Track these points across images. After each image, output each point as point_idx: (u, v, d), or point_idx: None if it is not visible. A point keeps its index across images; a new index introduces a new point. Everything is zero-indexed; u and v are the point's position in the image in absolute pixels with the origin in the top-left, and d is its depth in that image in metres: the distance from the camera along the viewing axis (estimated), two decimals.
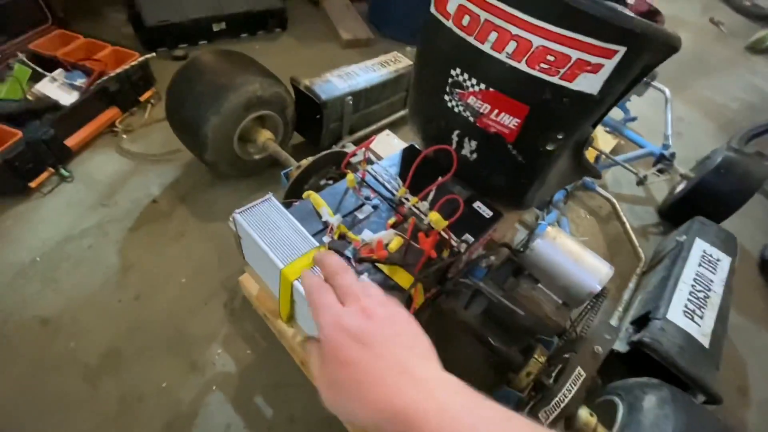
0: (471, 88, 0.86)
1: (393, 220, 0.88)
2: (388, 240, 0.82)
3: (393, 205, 0.92)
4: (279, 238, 0.77)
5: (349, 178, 0.93)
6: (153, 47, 2.09)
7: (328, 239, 0.80)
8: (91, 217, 1.48)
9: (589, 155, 1.84)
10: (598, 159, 1.89)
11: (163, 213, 1.53)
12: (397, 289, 0.78)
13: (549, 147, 0.84)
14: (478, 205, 0.97)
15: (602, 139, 2.09)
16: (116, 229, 1.46)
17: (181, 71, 1.44)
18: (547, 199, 1.56)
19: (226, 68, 1.43)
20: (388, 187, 0.95)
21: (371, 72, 1.78)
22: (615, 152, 2.05)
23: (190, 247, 1.45)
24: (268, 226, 0.78)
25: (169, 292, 1.33)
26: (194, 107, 1.38)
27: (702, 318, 1.20)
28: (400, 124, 1.99)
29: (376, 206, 0.92)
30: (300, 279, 0.59)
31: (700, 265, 1.36)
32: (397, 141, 1.45)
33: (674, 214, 1.83)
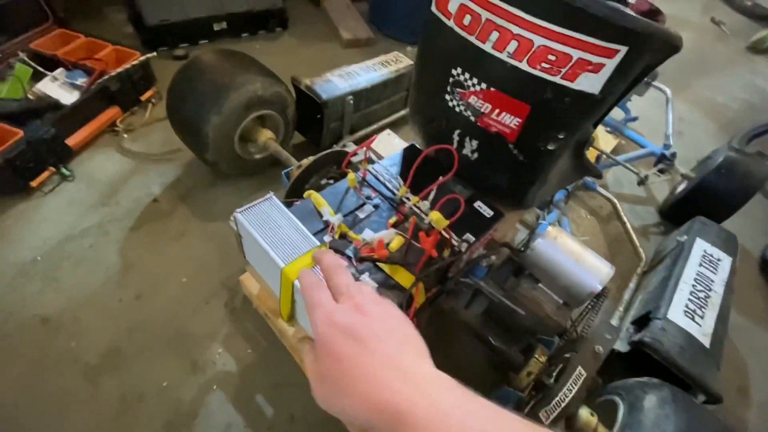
0: (472, 88, 0.86)
1: (394, 219, 0.88)
2: (389, 239, 0.82)
3: (394, 204, 0.92)
4: (280, 238, 0.77)
5: (350, 177, 0.93)
6: (154, 47, 2.09)
7: (329, 238, 0.80)
8: (92, 217, 1.48)
9: (590, 155, 1.84)
10: (599, 159, 1.89)
11: (164, 212, 1.54)
12: (397, 289, 0.78)
13: (550, 147, 0.84)
14: (479, 204, 0.97)
15: (603, 138, 2.09)
16: (117, 229, 1.46)
17: (182, 71, 1.45)
18: (547, 198, 1.56)
19: (226, 68, 1.43)
20: (389, 187, 0.95)
21: (372, 72, 1.78)
22: (616, 152, 2.05)
23: (190, 246, 1.45)
24: (269, 225, 0.78)
25: (170, 291, 1.33)
26: (195, 107, 1.38)
27: (703, 318, 1.20)
28: (401, 123, 1.99)
29: (377, 206, 0.92)
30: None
31: (700, 264, 1.35)
32: (397, 140, 1.45)
33: (675, 214, 1.83)
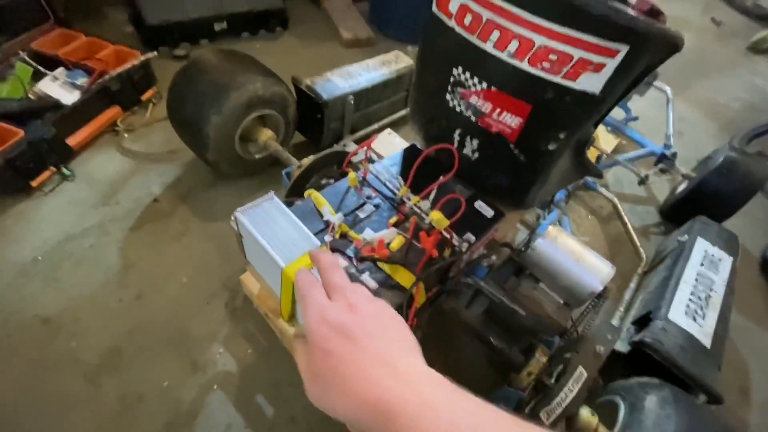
0: (473, 88, 0.86)
1: (394, 219, 0.88)
2: (389, 239, 0.82)
3: (394, 204, 0.92)
4: (281, 237, 0.77)
5: (351, 177, 0.93)
6: (154, 46, 2.09)
7: (329, 238, 0.80)
8: (93, 217, 1.48)
9: (591, 155, 1.84)
10: (599, 158, 1.89)
11: (165, 212, 1.54)
12: (398, 289, 0.78)
13: (551, 146, 0.84)
14: (480, 204, 0.97)
15: (604, 138, 2.09)
16: (117, 229, 1.46)
17: (182, 70, 1.45)
18: (548, 198, 1.56)
19: (227, 67, 1.43)
20: (390, 186, 0.95)
21: (372, 71, 1.78)
22: (616, 152, 2.05)
23: (191, 246, 1.45)
24: (269, 224, 0.78)
25: (170, 291, 1.33)
26: (196, 106, 1.38)
27: (703, 318, 1.19)
28: (402, 123, 1.99)
29: (377, 205, 0.92)
30: None
31: (701, 264, 1.35)
32: (398, 140, 1.44)
33: (676, 214, 1.83)
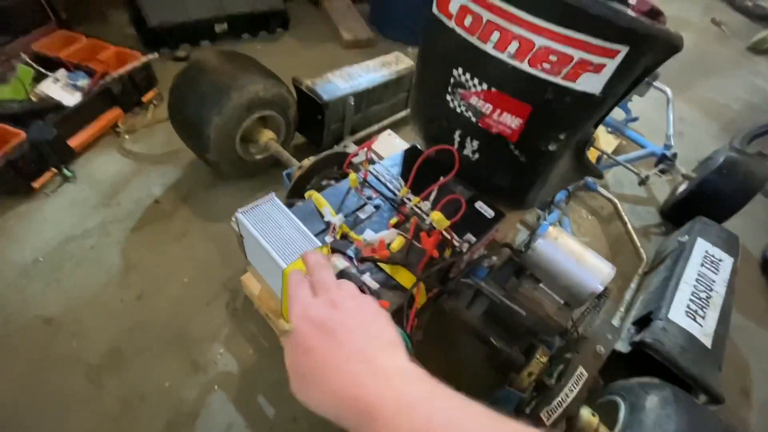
0: (473, 89, 0.86)
1: (395, 219, 0.88)
2: (390, 239, 0.82)
3: (395, 205, 0.92)
4: (281, 238, 0.77)
5: (352, 178, 0.93)
6: (155, 48, 2.09)
7: (330, 239, 0.80)
8: (94, 217, 1.48)
9: (591, 155, 1.84)
10: (599, 159, 1.89)
11: (166, 213, 1.54)
12: (399, 289, 0.78)
13: (551, 147, 0.85)
14: (480, 205, 0.97)
15: (604, 139, 2.09)
16: (119, 229, 1.46)
17: (183, 72, 1.45)
18: (548, 199, 1.56)
19: (228, 69, 1.44)
20: (390, 187, 0.96)
21: (373, 72, 1.78)
22: (617, 152, 2.04)
23: (192, 247, 1.45)
24: (270, 225, 0.79)
25: (171, 291, 1.33)
26: (197, 108, 1.38)
27: (704, 318, 1.19)
28: (402, 124, 1.99)
29: (378, 206, 0.92)
30: None
31: (702, 265, 1.35)
32: (398, 141, 1.45)
33: (676, 215, 1.83)
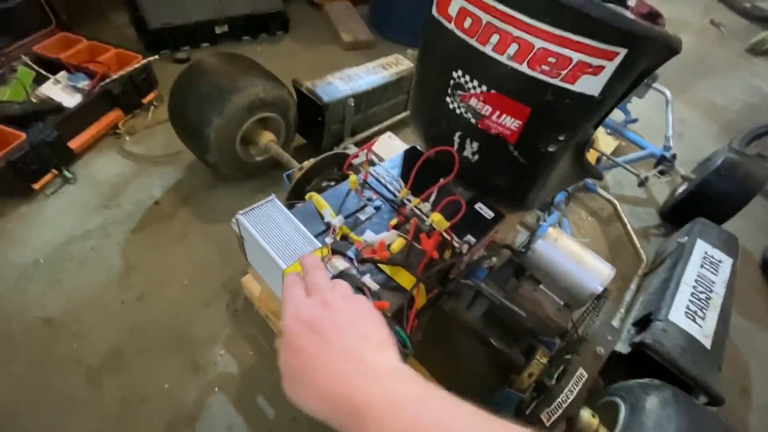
0: (473, 90, 0.87)
1: (395, 221, 0.88)
2: (390, 241, 0.83)
3: (395, 206, 0.93)
4: (282, 239, 0.77)
5: (352, 179, 0.93)
6: (156, 50, 2.10)
7: (330, 240, 0.80)
8: (94, 219, 1.48)
9: (590, 157, 1.84)
10: (599, 160, 1.89)
11: (166, 214, 1.54)
12: (399, 290, 0.78)
13: (550, 148, 0.85)
14: (480, 206, 0.98)
15: (603, 140, 2.10)
16: (119, 231, 1.46)
17: (184, 74, 1.45)
18: (548, 200, 1.56)
19: (228, 71, 1.44)
20: (390, 189, 0.96)
21: (373, 74, 1.78)
22: (616, 154, 2.05)
23: (192, 248, 1.45)
24: (270, 227, 0.79)
25: (172, 293, 1.33)
26: (197, 109, 1.38)
27: (704, 319, 1.19)
28: (402, 126, 1.99)
29: (378, 207, 0.92)
30: None
31: (701, 266, 1.35)
32: (398, 143, 1.45)
33: (675, 216, 1.84)
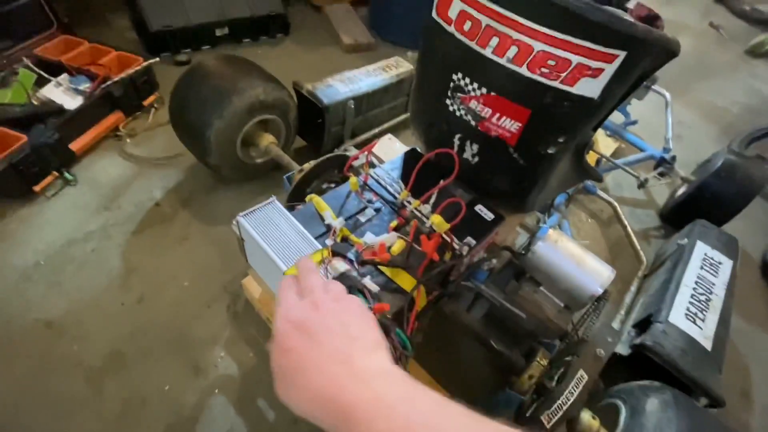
0: (472, 93, 0.87)
1: (395, 223, 0.88)
2: (390, 243, 0.83)
3: (395, 208, 0.93)
4: (282, 241, 0.78)
5: (352, 181, 0.93)
6: (156, 52, 2.11)
7: (330, 242, 0.80)
8: (95, 221, 1.49)
9: (590, 159, 1.85)
10: (599, 162, 1.89)
11: (166, 216, 1.54)
12: (399, 292, 0.78)
13: (550, 150, 0.85)
14: (480, 208, 0.98)
15: (603, 142, 2.10)
16: (120, 233, 1.47)
17: (185, 76, 1.46)
18: (548, 202, 1.56)
19: (229, 73, 1.45)
20: (390, 191, 0.96)
21: (373, 76, 1.79)
22: (616, 156, 2.05)
23: (192, 250, 1.46)
24: (271, 229, 0.79)
25: (172, 295, 1.33)
26: (198, 111, 1.39)
27: (704, 321, 1.19)
28: (402, 128, 2.00)
29: (378, 209, 0.92)
30: None
31: (701, 268, 1.35)
32: (398, 145, 1.45)
33: (675, 218, 1.84)
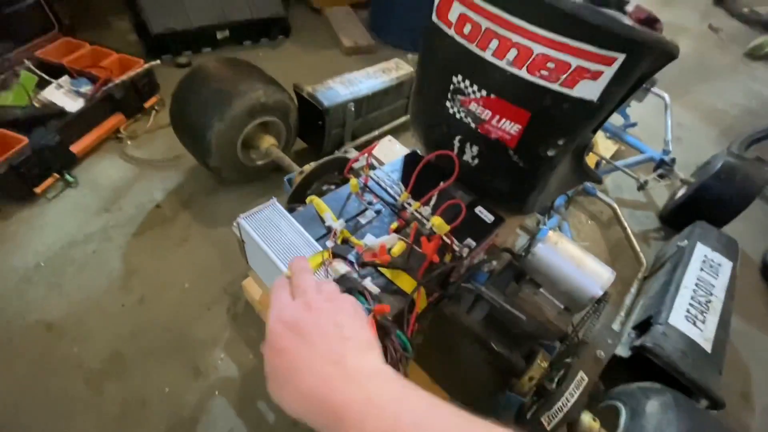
0: (472, 95, 0.87)
1: (395, 224, 0.89)
2: (390, 244, 0.83)
3: (395, 210, 0.93)
4: (283, 243, 0.78)
5: (352, 183, 0.94)
6: (157, 54, 2.12)
7: (331, 244, 0.80)
8: (96, 223, 1.49)
9: (590, 161, 1.85)
10: (598, 164, 1.90)
11: (167, 218, 1.55)
12: (400, 294, 0.79)
13: (550, 153, 0.85)
14: (480, 210, 0.98)
15: (603, 144, 2.10)
16: (120, 234, 1.47)
17: (185, 78, 1.46)
18: (548, 204, 1.57)
19: (229, 75, 1.45)
20: (391, 193, 0.96)
21: (373, 79, 1.80)
22: (615, 157, 2.05)
23: (193, 252, 1.46)
24: (271, 230, 0.79)
25: (172, 296, 1.33)
26: (198, 113, 1.39)
27: (704, 322, 1.20)
28: (402, 130, 2.00)
29: (378, 211, 0.92)
30: None
31: (701, 269, 1.36)
32: (399, 147, 1.45)
33: (675, 219, 1.84)
